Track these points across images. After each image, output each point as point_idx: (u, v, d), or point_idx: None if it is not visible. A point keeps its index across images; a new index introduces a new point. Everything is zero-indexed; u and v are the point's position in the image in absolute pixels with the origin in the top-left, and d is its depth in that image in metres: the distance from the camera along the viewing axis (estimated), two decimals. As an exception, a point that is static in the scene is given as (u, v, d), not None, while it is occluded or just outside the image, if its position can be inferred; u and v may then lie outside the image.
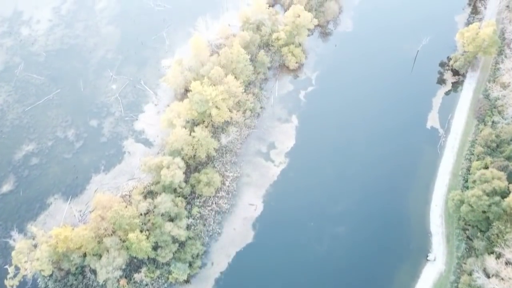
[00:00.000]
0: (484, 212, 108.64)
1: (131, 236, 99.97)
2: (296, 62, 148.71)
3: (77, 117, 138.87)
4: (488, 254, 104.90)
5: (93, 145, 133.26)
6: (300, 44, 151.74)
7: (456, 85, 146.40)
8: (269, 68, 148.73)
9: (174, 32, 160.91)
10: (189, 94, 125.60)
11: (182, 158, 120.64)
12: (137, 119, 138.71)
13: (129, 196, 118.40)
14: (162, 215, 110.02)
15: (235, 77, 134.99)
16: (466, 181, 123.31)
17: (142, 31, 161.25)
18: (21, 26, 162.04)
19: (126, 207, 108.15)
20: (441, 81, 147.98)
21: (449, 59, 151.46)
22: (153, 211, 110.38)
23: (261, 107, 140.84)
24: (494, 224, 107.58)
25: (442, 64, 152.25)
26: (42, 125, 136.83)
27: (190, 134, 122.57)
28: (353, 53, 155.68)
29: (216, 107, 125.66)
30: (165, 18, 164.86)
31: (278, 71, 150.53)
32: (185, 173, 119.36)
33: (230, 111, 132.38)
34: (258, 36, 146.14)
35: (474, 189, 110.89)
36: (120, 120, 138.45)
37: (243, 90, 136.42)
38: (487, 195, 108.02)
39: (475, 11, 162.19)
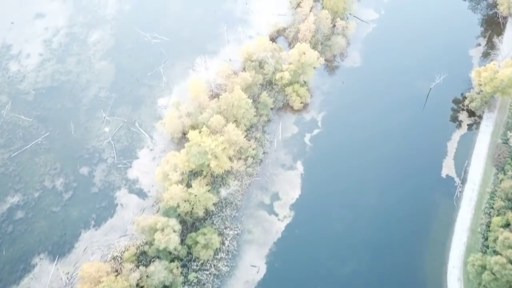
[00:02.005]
0: (508, 281, 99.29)
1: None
2: (301, 102, 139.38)
3: (66, 164, 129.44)
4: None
5: (83, 196, 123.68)
6: (305, 83, 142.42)
7: (472, 127, 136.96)
8: (272, 109, 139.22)
9: (172, 67, 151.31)
10: (186, 145, 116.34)
11: (179, 215, 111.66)
12: (131, 166, 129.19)
13: (121, 258, 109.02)
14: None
15: (236, 121, 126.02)
16: (486, 239, 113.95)
17: (137, 67, 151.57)
18: (9, 61, 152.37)
19: (116, 276, 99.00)
20: (456, 123, 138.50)
21: (463, 97, 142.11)
22: (146, 280, 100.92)
23: (263, 153, 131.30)
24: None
25: (456, 101, 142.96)
26: (29, 173, 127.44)
27: (186, 186, 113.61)
28: (361, 91, 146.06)
29: (216, 157, 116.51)
30: (162, 51, 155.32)
31: (281, 112, 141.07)
32: (181, 231, 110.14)
33: (231, 160, 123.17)
34: (260, 76, 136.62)
35: (497, 255, 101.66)
36: (113, 167, 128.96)
37: (245, 135, 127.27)
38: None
39: (491, 46, 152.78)
